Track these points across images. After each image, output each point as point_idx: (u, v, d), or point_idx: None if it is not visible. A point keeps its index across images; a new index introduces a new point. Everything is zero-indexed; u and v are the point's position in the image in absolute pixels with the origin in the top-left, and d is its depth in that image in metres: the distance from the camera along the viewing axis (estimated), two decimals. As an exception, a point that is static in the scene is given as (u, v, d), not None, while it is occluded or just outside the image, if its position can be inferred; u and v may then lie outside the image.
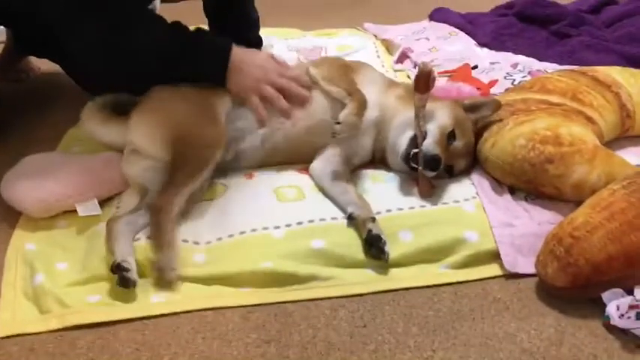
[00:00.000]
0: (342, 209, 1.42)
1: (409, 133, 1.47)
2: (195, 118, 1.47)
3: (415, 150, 1.43)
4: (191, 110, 1.48)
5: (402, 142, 1.48)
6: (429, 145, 1.43)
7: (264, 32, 2.28)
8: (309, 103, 1.56)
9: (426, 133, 1.45)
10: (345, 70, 1.61)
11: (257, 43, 2.15)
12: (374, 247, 1.30)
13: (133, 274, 1.24)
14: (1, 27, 2.13)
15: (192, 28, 1.59)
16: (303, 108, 1.55)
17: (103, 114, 1.54)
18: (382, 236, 1.31)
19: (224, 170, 1.54)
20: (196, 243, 1.34)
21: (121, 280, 1.22)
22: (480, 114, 1.57)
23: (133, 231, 1.34)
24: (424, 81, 1.45)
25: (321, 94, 1.57)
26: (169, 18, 1.56)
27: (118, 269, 1.23)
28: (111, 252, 1.27)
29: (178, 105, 1.49)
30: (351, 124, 1.46)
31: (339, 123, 1.44)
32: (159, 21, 1.54)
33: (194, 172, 1.40)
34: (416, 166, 1.44)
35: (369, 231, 1.32)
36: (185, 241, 1.34)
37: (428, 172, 1.43)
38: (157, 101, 1.52)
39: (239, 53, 1.54)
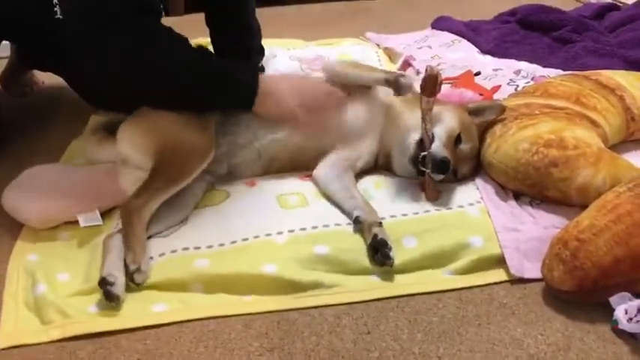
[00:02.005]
0: (348, 214, 1.41)
1: (415, 136, 1.47)
2: (183, 127, 1.45)
3: (423, 153, 1.42)
4: (180, 119, 1.46)
5: (409, 145, 1.47)
6: (437, 148, 1.43)
7: (267, 43, 2.28)
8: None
9: (432, 136, 1.44)
10: (361, 64, 1.64)
11: (259, 51, 2.15)
12: (379, 252, 1.29)
13: (118, 288, 1.22)
14: (5, 42, 2.14)
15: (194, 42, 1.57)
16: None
17: (98, 136, 1.55)
18: (388, 242, 1.30)
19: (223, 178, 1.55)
20: (197, 248, 1.33)
21: (106, 294, 1.21)
22: (484, 118, 1.57)
23: None
24: (431, 84, 1.44)
25: None
26: (174, 29, 1.55)
27: (102, 283, 1.22)
28: (101, 266, 1.27)
29: (167, 114, 1.47)
30: (412, 79, 1.50)
31: (402, 76, 1.49)
32: (184, 43, 1.48)
33: (174, 180, 1.39)
34: (424, 170, 1.43)
35: (375, 236, 1.30)
36: (186, 248, 1.33)
37: (436, 175, 1.43)
38: (146, 111, 1.50)
39: (266, 82, 1.49)
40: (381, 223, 1.35)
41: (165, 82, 1.44)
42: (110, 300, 1.21)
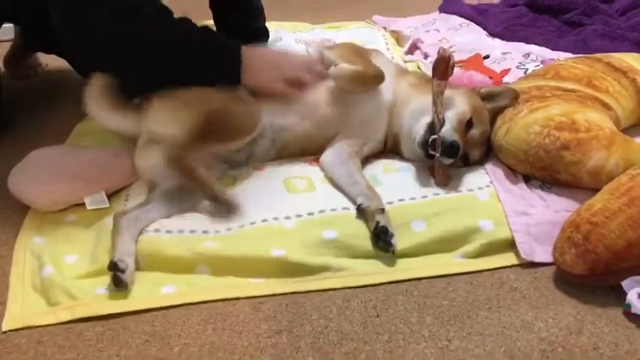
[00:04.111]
0: (352, 200, 1.40)
1: (426, 120, 1.44)
2: (225, 99, 1.42)
3: (433, 137, 1.40)
4: (218, 92, 1.43)
5: (419, 128, 1.45)
6: (448, 131, 1.40)
7: (272, 25, 2.27)
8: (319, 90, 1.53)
9: (443, 119, 1.42)
10: (360, 52, 1.60)
11: (263, 32, 2.13)
12: (381, 239, 1.28)
13: (127, 276, 1.22)
14: (10, 24, 2.13)
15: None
16: (321, 86, 1.53)
17: (111, 100, 1.45)
18: (390, 229, 1.29)
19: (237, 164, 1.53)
20: (205, 232, 1.32)
21: (115, 279, 1.21)
22: (496, 103, 1.54)
23: (138, 227, 1.31)
24: (443, 67, 1.42)
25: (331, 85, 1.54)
26: (176, 12, 1.52)
27: (113, 268, 1.21)
28: (113, 248, 1.26)
29: (203, 89, 1.43)
30: (342, 75, 1.47)
31: (337, 66, 1.46)
32: (169, 15, 1.47)
33: (217, 143, 1.40)
34: (433, 153, 1.41)
35: (377, 223, 1.29)
36: (193, 231, 1.32)
37: (446, 159, 1.41)
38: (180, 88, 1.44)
39: (249, 52, 1.49)
40: (383, 209, 1.33)
41: (150, 52, 1.41)
42: (118, 286, 1.21)
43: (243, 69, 1.46)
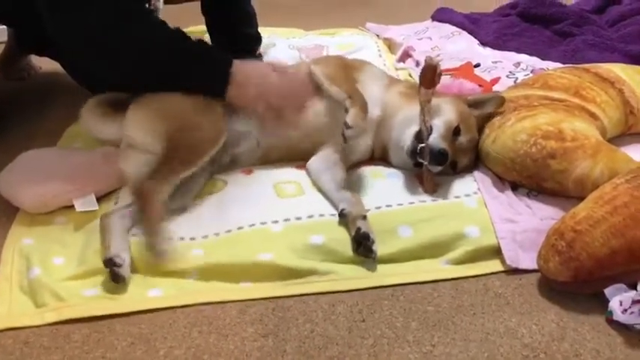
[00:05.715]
0: (335, 206, 1.40)
1: (414, 128, 1.46)
2: (194, 110, 1.45)
3: (421, 145, 1.41)
4: (190, 103, 1.45)
5: (407, 137, 1.46)
6: (435, 139, 1.42)
7: (266, 31, 2.28)
8: (305, 112, 1.55)
9: (431, 128, 1.43)
10: (348, 70, 1.60)
11: (256, 38, 2.14)
12: (362, 245, 1.28)
13: (124, 270, 1.23)
14: (3, 26, 2.13)
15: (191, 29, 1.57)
16: (295, 127, 1.54)
17: (101, 110, 1.51)
18: (371, 235, 1.29)
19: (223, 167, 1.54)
20: (193, 239, 1.33)
21: (112, 275, 1.22)
22: (483, 110, 1.56)
23: (127, 225, 1.33)
24: (430, 75, 1.43)
25: (319, 98, 1.55)
26: (171, 19, 1.53)
27: (110, 264, 1.22)
28: (106, 246, 1.27)
29: (177, 98, 1.46)
30: (361, 126, 1.43)
31: (349, 127, 1.41)
32: (160, 24, 1.48)
33: (187, 163, 1.38)
34: (422, 162, 1.42)
35: (358, 229, 1.30)
36: (182, 238, 1.33)
37: (434, 166, 1.42)
38: (155, 95, 1.48)
39: (238, 67, 1.49)
40: (365, 215, 1.34)
41: (141, 59, 1.43)
42: (116, 281, 1.22)
43: (229, 85, 1.47)
